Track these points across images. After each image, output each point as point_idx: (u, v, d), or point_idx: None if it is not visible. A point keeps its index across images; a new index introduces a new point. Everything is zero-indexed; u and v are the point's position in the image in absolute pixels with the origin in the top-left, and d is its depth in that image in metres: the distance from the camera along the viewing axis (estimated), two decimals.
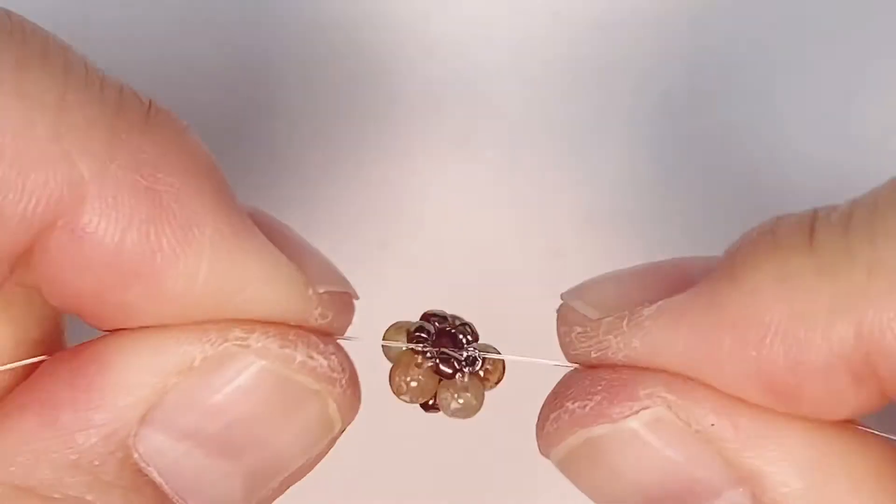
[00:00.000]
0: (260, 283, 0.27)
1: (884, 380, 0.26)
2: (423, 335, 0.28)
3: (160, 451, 0.26)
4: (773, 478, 0.26)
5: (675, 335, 0.27)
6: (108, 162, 0.26)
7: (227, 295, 0.27)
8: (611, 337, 0.27)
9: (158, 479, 0.26)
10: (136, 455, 0.26)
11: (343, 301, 0.28)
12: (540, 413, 0.28)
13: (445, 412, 0.28)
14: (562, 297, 0.28)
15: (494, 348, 0.29)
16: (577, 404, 0.27)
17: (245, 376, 0.27)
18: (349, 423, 0.28)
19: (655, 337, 0.27)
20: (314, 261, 0.28)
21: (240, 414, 0.27)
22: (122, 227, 0.26)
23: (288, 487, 0.28)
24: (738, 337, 0.26)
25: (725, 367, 0.26)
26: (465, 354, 0.28)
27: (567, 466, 0.28)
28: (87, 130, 0.26)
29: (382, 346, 0.29)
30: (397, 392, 0.28)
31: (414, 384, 0.28)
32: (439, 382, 0.28)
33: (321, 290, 0.28)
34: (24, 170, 0.25)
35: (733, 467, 0.26)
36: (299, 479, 0.28)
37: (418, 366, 0.28)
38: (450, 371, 0.28)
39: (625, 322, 0.27)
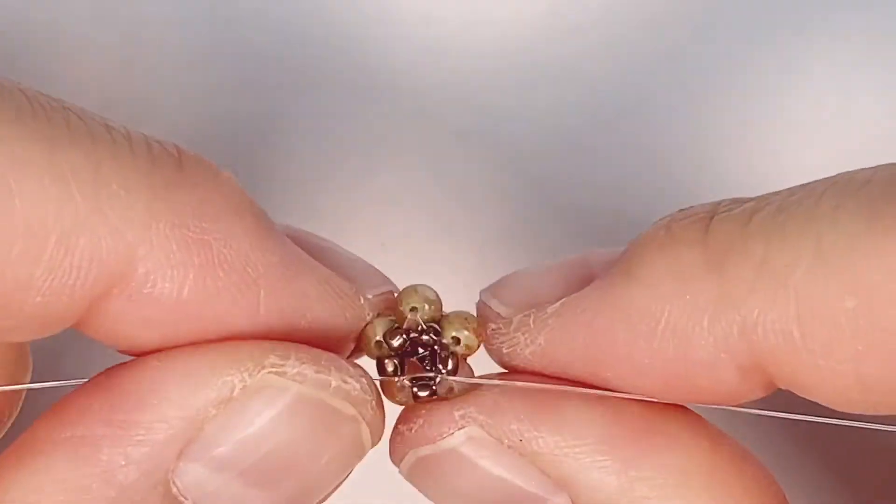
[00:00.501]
0: (317, 304, 0.28)
1: (771, 374, 0.26)
2: (393, 362, 0.28)
3: (199, 483, 0.26)
4: (585, 483, 0.27)
5: (574, 331, 0.27)
6: (153, 223, 0.26)
7: (289, 323, 0.27)
8: (519, 334, 0.28)
9: None
10: (174, 489, 0.26)
11: (389, 300, 0.29)
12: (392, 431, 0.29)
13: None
14: (480, 294, 0.29)
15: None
16: (404, 427, 0.28)
17: (283, 404, 0.27)
18: (374, 446, 0.28)
19: (558, 334, 0.28)
20: (357, 267, 0.29)
21: (278, 443, 0.27)
22: (179, 283, 0.26)
23: None
24: (631, 330, 0.27)
25: (622, 361, 0.27)
26: (438, 375, 0.28)
27: (412, 481, 0.29)
28: (127, 197, 0.26)
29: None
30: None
31: (406, 400, 0.29)
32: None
33: (370, 296, 0.28)
34: (71, 247, 0.25)
35: (549, 476, 0.27)
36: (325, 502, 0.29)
37: (400, 391, 0.28)
38: (427, 394, 0.28)
39: (531, 319, 0.28)
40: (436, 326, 0.28)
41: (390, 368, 0.28)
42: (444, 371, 0.28)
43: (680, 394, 0.27)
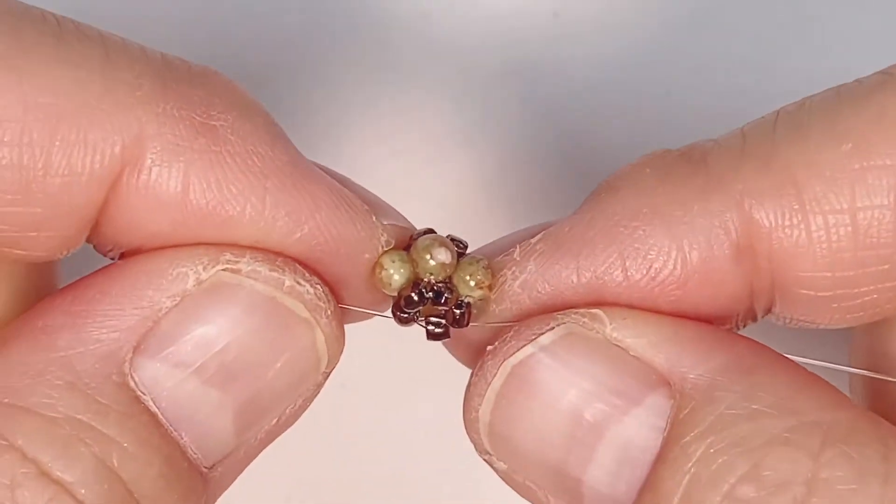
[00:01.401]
0: (326, 211, 0.28)
1: (761, 256, 0.27)
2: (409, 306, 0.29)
3: (156, 379, 0.27)
4: (686, 373, 0.27)
5: (565, 248, 0.28)
6: (162, 103, 0.27)
7: (295, 221, 0.27)
8: (505, 270, 0.28)
9: (153, 408, 0.27)
10: (132, 383, 0.27)
11: (404, 234, 0.29)
12: (465, 395, 0.29)
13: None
14: None
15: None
16: (495, 344, 0.28)
17: (237, 301, 0.27)
18: (334, 365, 0.29)
19: (547, 257, 0.28)
20: (373, 198, 0.29)
21: (232, 341, 0.27)
22: (185, 163, 0.27)
23: (276, 436, 0.29)
24: (625, 229, 0.27)
25: (616, 266, 0.27)
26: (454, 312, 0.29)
27: (496, 418, 0.28)
28: (137, 81, 0.27)
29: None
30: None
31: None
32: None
33: (385, 222, 0.29)
34: (83, 127, 0.26)
35: (649, 368, 0.27)
36: (286, 428, 0.29)
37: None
38: (441, 331, 0.29)
39: (516, 252, 0.28)
40: (449, 285, 0.28)
41: (406, 316, 0.29)
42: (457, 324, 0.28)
43: (673, 298, 0.27)
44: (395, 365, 0.39)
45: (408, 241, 0.29)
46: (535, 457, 0.28)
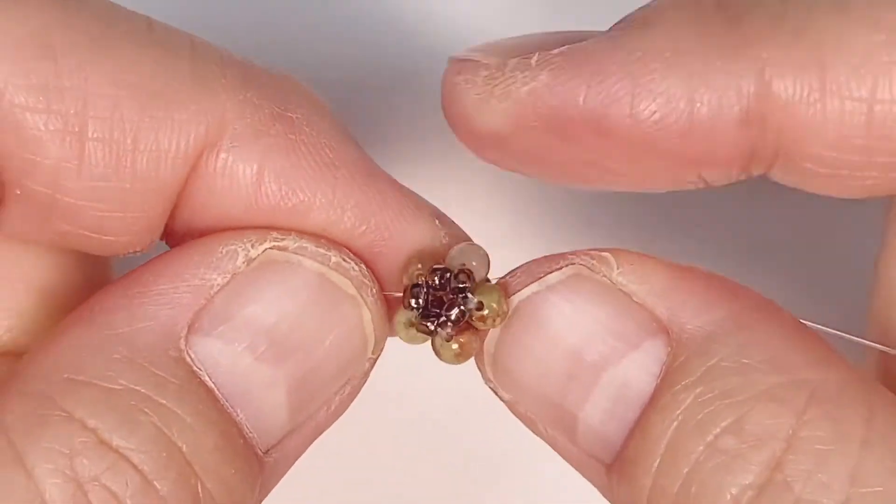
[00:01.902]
0: (393, 206, 0.29)
1: (771, 130, 0.27)
2: (417, 296, 0.29)
3: (211, 355, 0.28)
4: (685, 323, 0.28)
5: (581, 69, 0.28)
6: (243, 91, 0.28)
7: (363, 214, 0.29)
8: (517, 73, 0.28)
9: (210, 383, 0.27)
10: (188, 359, 0.27)
11: (459, 236, 0.30)
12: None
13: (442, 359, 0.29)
14: (452, 56, 0.29)
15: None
16: (506, 277, 0.29)
17: (286, 276, 0.28)
18: (380, 351, 0.29)
19: (564, 72, 0.28)
20: (434, 207, 0.30)
21: (283, 316, 0.28)
22: (262, 148, 0.28)
23: (326, 426, 0.29)
24: (644, 68, 0.27)
25: (626, 104, 0.28)
26: (453, 312, 0.29)
27: (501, 351, 0.29)
28: (222, 68, 0.28)
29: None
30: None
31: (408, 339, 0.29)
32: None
33: (446, 230, 0.30)
34: (172, 106, 0.27)
35: (650, 315, 0.28)
36: (336, 418, 0.29)
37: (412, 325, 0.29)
38: (430, 328, 0.29)
39: (534, 59, 0.28)
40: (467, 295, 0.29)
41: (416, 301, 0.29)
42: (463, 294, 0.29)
43: (677, 144, 0.28)
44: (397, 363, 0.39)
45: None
46: (535, 391, 0.29)
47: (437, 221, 0.30)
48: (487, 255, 0.29)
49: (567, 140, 0.28)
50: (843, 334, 0.30)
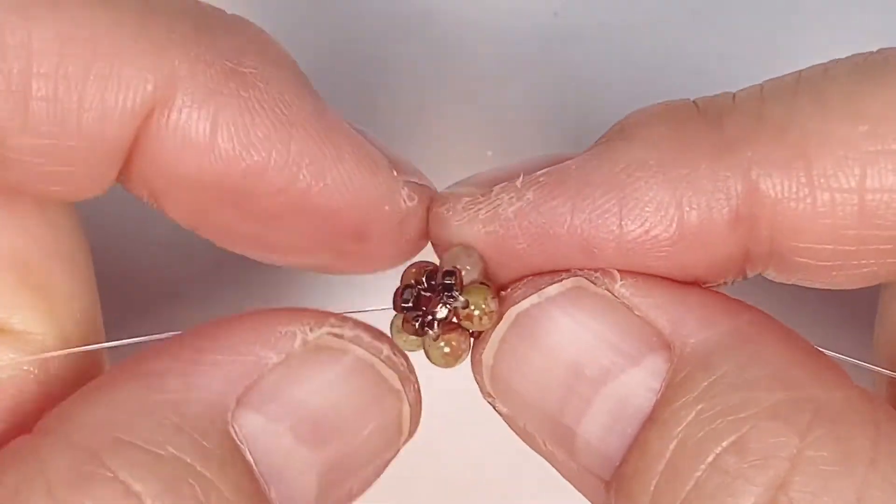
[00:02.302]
0: (348, 161, 0.28)
1: (761, 226, 0.27)
2: (408, 300, 0.29)
3: (255, 431, 0.27)
4: (687, 338, 0.27)
5: (566, 186, 0.28)
6: (195, 47, 0.27)
7: (319, 169, 0.28)
8: (503, 195, 0.28)
9: (250, 459, 0.27)
10: (233, 433, 0.27)
11: (424, 192, 0.29)
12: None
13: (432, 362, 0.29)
14: (439, 193, 0.29)
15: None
16: (506, 292, 0.29)
17: (340, 364, 0.28)
18: (409, 438, 0.29)
19: (548, 190, 0.28)
20: (396, 155, 0.30)
21: (329, 402, 0.28)
22: (215, 107, 0.27)
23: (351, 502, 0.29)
24: (629, 178, 0.27)
25: (614, 213, 0.27)
26: (438, 310, 0.29)
27: (499, 363, 0.29)
28: (172, 23, 0.27)
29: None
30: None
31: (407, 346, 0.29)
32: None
33: (407, 179, 0.29)
34: (119, 63, 0.27)
35: (652, 330, 0.27)
36: (355, 499, 0.29)
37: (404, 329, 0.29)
38: (416, 326, 0.29)
39: (519, 181, 0.28)
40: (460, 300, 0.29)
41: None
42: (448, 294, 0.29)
43: (669, 253, 0.27)
44: None
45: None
46: (534, 404, 0.28)
47: (394, 172, 0.29)
48: (482, 258, 0.29)
49: (557, 259, 0.28)
50: (849, 359, 0.29)
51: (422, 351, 0.29)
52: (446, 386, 0.39)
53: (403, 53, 0.40)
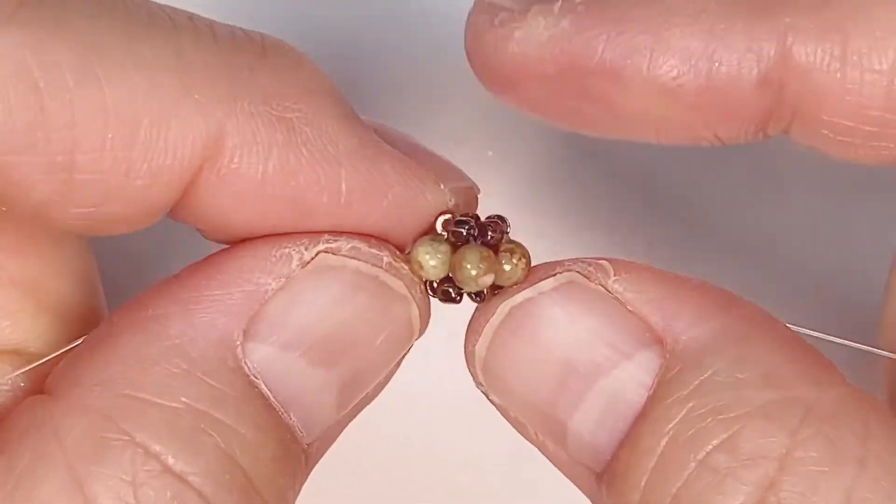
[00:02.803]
0: (397, 185, 0.28)
1: (790, 94, 0.27)
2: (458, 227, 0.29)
3: (266, 362, 0.27)
4: (680, 334, 0.27)
5: (604, 18, 0.28)
6: (238, 101, 0.27)
7: (371, 204, 0.28)
8: (540, 18, 0.28)
9: (266, 392, 0.27)
10: (246, 369, 0.27)
11: (468, 194, 0.30)
12: (467, 326, 0.29)
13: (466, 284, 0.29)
14: (478, 2, 0.29)
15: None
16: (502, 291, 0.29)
17: (341, 281, 0.28)
18: (421, 335, 0.29)
19: (586, 20, 0.28)
20: (439, 162, 0.30)
21: (338, 321, 0.28)
22: (264, 158, 0.27)
23: (363, 408, 0.29)
24: (664, 26, 0.27)
25: (640, 56, 0.27)
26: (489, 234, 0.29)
27: (492, 356, 0.29)
28: (211, 77, 0.27)
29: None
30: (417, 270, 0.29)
31: (433, 262, 0.29)
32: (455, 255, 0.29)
33: (450, 186, 0.29)
34: (163, 128, 0.26)
35: (644, 325, 0.27)
36: (373, 399, 0.29)
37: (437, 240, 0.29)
38: (463, 233, 0.29)
39: (557, 6, 0.28)
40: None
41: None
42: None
43: (693, 103, 0.28)
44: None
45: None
46: (526, 397, 0.28)
47: (440, 185, 0.29)
48: (485, 256, 0.29)
49: (583, 90, 0.28)
50: (852, 343, 0.30)
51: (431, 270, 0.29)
52: (447, 387, 0.39)
53: (403, 53, 0.40)
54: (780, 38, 0.27)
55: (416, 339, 0.29)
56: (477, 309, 0.29)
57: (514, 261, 0.29)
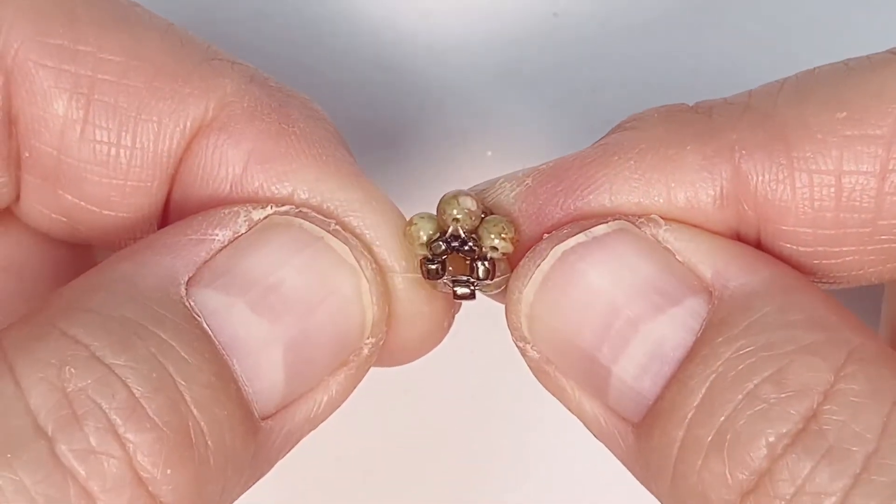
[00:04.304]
0: (378, 212, 0.30)
1: (745, 204, 0.28)
2: (435, 264, 0.29)
3: (209, 304, 0.28)
4: (728, 282, 0.28)
5: (563, 171, 0.29)
6: (248, 83, 0.30)
7: (346, 210, 0.29)
8: (506, 183, 0.30)
9: (205, 327, 0.28)
10: (188, 304, 0.28)
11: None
12: (511, 276, 0.30)
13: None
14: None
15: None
16: (553, 233, 0.29)
17: (287, 238, 0.29)
18: (378, 337, 0.29)
19: (547, 173, 0.29)
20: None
21: (281, 274, 0.28)
22: (255, 132, 0.29)
23: (323, 417, 0.29)
24: (617, 163, 0.29)
25: (601, 194, 0.29)
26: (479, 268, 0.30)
27: (539, 300, 0.29)
28: (233, 65, 0.30)
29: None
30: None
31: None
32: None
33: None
34: (177, 81, 0.29)
35: (693, 274, 0.28)
36: (333, 409, 0.29)
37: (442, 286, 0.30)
38: (467, 292, 0.30)
39: (521, 171, 0.30)
40: (475, 236, 0.29)
41: (433, 267, 0.29)
42: (481, 279, 0.29)
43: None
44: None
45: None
46: (570, 343, 0.29)
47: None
48: (470, 193, 0.30)
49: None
50: None
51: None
52: (447, 390, 0.39)
53: (403, 53, 0.40)
54: (728, 155, 0.28)
55: (374, 331, 0.29)
56: (526, 256, 0.29)
57: (498, 243, 0.29)
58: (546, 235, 0.29)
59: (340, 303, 0.29)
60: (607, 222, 0.29)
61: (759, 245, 0.29)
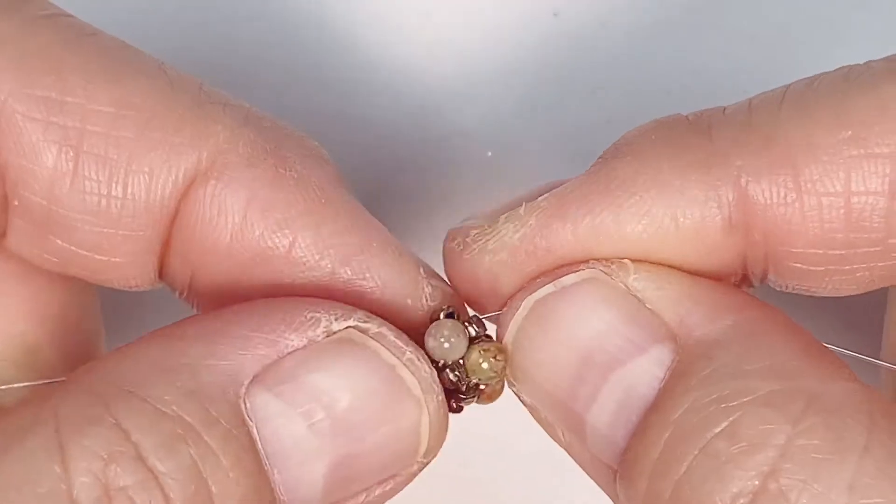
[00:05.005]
0: (376, 249, 0.29)
1: (754, 232, 0.28)
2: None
3: (265, 409, 0.28)
4: (692, 330, 0.28)
5: (566, 208, 0.29)
6: (242, 127, 0.29)
7: (346, 255, 0.29)
8: (509, 224, 0.29)
9: (255, 436, 0.27)
10: (243, 406, 0.27)
11: (446, 297, 0.30)
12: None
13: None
14: (450, 230, 0.30)
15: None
16: (527, 284, 0.29)
17: (360, 361, 0.28)
18: (432, 457, 0.29)
19: (550, 212, 0.29)
20: (422, 260, 0.31)
21: (346, 396, 0.28)
22: (252, 179, 0.29)
23: None
24: (621, 197, 0.28)
25: (613, 226, 0.28)
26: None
27: (517, 349, 0.29)
28: (225, 106, 0.29)
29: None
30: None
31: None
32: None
33: (431, 281, 0.30)
34: (169, 130, 0.29)
35: (660, 322, 0.28)
36: None
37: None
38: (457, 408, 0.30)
39: (521, 208, 0.29)
40: (460, 369, 0.30)
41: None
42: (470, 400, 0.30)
43: (663, 255, 0.28)
44: None
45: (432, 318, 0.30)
46: (548, 390, 0.29)
47: (421, 270, 0.30)
48: (459, 328, 0.30)
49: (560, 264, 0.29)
50: (856, 354, 0.30)
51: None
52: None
53: (403, 53, 0.40)
54: (734, 181, 0.28)
55: (426, 456, 0.29)
56: (506, 306, 0.30)
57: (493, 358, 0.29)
58: (516, 294, 0.29)
59: (398, 432, 0.29)
60: (577, 272, 0.29)
61: (767, 267, 0.29)
